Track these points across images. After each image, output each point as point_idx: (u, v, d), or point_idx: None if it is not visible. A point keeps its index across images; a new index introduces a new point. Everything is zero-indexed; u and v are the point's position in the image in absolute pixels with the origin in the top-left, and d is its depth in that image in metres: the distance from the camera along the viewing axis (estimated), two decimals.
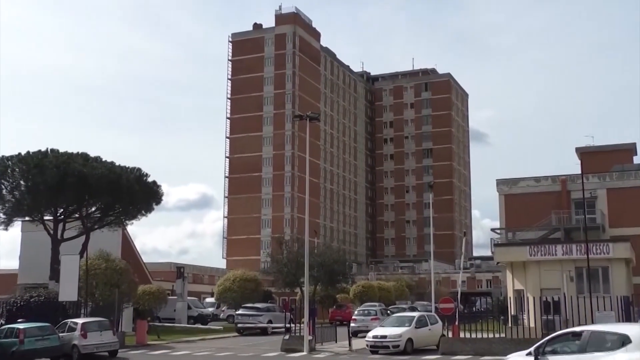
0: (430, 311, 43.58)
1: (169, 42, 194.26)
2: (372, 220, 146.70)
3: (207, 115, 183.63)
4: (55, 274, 37.27)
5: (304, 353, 28.98)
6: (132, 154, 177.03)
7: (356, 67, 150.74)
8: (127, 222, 45.07)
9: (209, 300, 64.01)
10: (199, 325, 50.11)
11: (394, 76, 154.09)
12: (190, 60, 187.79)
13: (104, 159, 42.45)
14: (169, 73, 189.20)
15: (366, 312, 43.26)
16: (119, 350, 29.89)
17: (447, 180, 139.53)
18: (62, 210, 42.16)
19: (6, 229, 42.28)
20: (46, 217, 42.25)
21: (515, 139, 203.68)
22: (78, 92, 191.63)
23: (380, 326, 29.74)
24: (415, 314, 31.06)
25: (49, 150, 41.41)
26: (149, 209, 44.50)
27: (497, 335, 28.39)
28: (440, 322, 30.97)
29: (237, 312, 47.07)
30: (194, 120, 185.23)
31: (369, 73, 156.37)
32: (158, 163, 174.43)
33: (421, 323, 29.10)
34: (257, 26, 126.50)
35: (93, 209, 43.26)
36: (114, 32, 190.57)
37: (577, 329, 14.92)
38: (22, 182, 40.31)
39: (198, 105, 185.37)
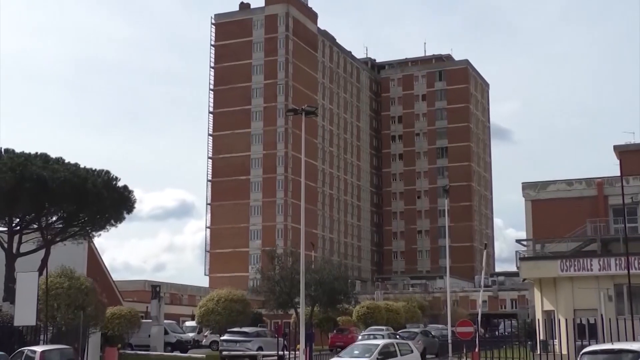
0: (446, 335, 43.62)
1: (141, 24, 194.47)
2: (378, 230, 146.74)
3: (186, 109, 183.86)
4: (10, 294, 37.12)
5: None
6: (100, 155, 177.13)
7: (359, 54, 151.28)
8: (93, 233, 44.91)
9: (189, 324, 63.90)
10: (178, 353, 49.94)
11: (402, 63, 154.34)
12: (166, 45, 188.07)
13: (66, 161, 42.39)
14: (141, 60, 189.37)
15: (372, 337, 43.14)
16: None
17: (465, 183, 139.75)
18: (18, 220, 41.99)
19: None
20: None
21: (543, 135, 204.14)
22: (34, 82, 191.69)
23: (338, 356, 29.32)
24: (381, 341, 29.54)
25: (2, 150, 41.32)
26: (119, 219, 44.33)
27: None
28: (416, 352, 29.72)
29: (221, 338, 47.08)
30: (171, 115, 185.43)
31: (374, 60, 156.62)
32: (129, 165, 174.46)
33: (388, 354, 27.50)
34: (244, 6, 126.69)
35: (54, 218, 43.10)
36: (75, 11, 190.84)
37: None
38: None
39: (176, 98, 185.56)
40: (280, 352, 34.65)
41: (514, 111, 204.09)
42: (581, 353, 17.88)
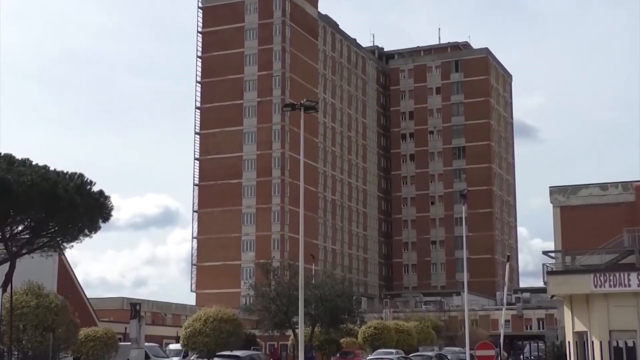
0: (464, 359, 43.39)
1: (118, 9, 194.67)
2: (386, 241, 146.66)
3: (170, 104, 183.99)
4: None
5: None
6: (72, 156, 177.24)
7: (365, 41, 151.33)
8: (65, 245, 44.78)
9: (174, 347, 63.86)
10: None
11: (414, 52, 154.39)
12: (146, 32, 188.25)
13: (34, 163, 42.32)
14: (119, 50, 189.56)
15: None
16: None
17: (485, 187, 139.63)
18: None
19: None
20: None
21: (573, 133, 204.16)
22: None
23: None
24: None
25: None
26: (94, 228, 44.22)
27: None
28: None
29: None
30: (153, 112, 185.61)
31: (382, 49, 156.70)
32: (106, 167, 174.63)
33: None
34: None
35: (20, 227, 43.00)
36: None
37: None
38: None
39: (158, 92, 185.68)
40: None
41: (540, 106, 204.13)
42: None
